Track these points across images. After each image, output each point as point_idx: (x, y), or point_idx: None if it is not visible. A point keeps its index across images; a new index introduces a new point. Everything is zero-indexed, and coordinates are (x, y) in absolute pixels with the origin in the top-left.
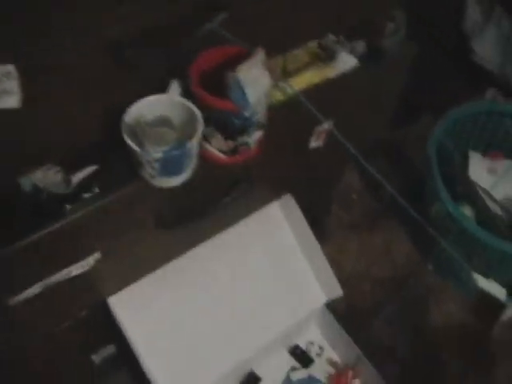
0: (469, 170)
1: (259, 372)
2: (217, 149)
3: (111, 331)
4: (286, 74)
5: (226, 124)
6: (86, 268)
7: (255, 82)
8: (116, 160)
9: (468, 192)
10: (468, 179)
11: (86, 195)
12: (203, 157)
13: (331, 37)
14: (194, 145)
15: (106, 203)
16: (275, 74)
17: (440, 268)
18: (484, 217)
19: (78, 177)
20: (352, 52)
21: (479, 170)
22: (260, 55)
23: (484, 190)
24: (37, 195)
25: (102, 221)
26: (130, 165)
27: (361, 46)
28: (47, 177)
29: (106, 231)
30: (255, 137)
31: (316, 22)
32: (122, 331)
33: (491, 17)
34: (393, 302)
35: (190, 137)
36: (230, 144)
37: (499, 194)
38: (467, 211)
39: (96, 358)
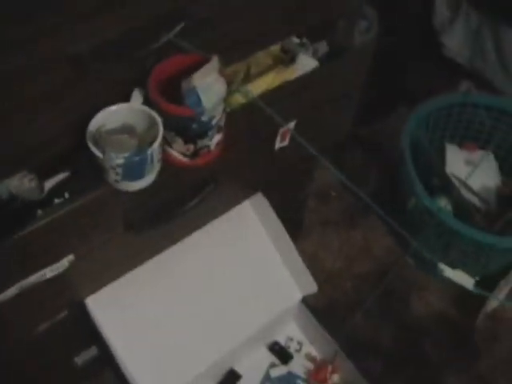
0: (446, 162)
1: (239, 369)
2: (178, 152)
3: (92, 333)
4: (249, 77)
5: (185, 129)
6: (61, 270)
7: (210, 88)
8: (85, 167)
9: (444, 184)
10: (443, 171)
11: (57, 200)
12: (166, 160)
13: (294, 39)
14: (154, 150)
15: (76, 207)
16: (237, 79)
17: (421, 261)
18: (460, 208)
19: (50, 183)
20: (315, 53)
21: (456, 161)
22: (215, 62)
23: (461, 181)
24: (12, 202)
25: (72, 224)
26: (98, 171)
27: (324, 46)
28: (23, 184)
29: (77, 234)
30: (215, 140)
31: (278, 24)
32: (99, 331)
33: (459, 11)
34: (374, 297)
35: (152, 142)
36: (191, 148)
37: (477, 184)
38: (444, 203)
39: (78, 360)
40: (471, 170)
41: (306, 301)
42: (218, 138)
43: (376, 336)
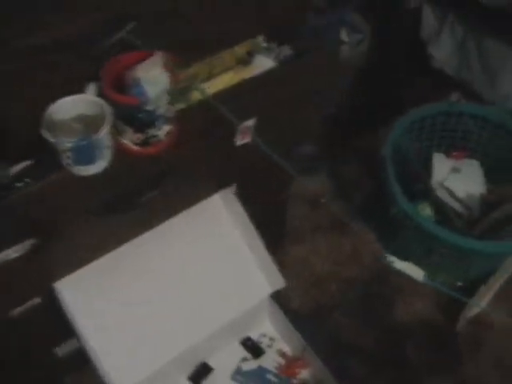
0: (433, 170)
1: (211, 363)
2: (129, 141)
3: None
4: (212, 76)
5: (133, 118)
6: (23, 252)
7: (153, 79)
8: (48, 156)
9: (427, 190)
10: (425, 178)
11: (19, 184)
12: (120, 149)
13: (260, 41)
14: (101, 136)
15: (34, 190)
16: (199, 77)
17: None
18: (441, 214)
19: (15, 169)
20: (277, 56)
21: (443, 170)
22: (158, 57)
23: (446, 188)
24: None
25: (32, 207)
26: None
27: (286, 49)
28: None
29: (38, 217)
30: (164, 130)
31: (246, 27)
32: (68, 315)
33: (445, 23)
34: (360, 301)
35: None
36: (140, 136)
37: (461, 191)
38: (426, 209)
39: (59, 351)
40: (458, 179)
41: (287, 301)
42: (166, 128)
43: (360, 338)
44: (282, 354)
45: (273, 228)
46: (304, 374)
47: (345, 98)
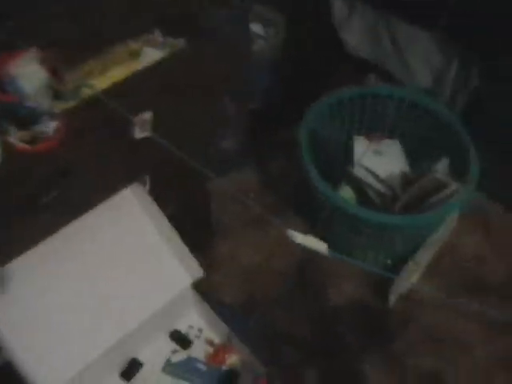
0: (354, 153)
1: (141, 358)
2: (16, 140)
3: None
4: (103, 71)
5: (15, 115)
6: None
7: (29, 75)
8: None
9: (347, 173)
10: (345, 162)
11: None
12: (8, 149)
13: (155, 35)
14: None
15: None
16: (92, 74)
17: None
18: (364, 195)
19: None
20: (172, 49)
21: (364, 151)
22: (33, 53)
23: (368, 169)
24: None
25: None
26: None
27: (181, 42)
28: None
29: None
30: (51, 127)
31: (140, 21)
32: None
33: (354, 8)
34: (292, 291)
35: None
36: (26, 134)
37: (383, 171)
38: (348, 192)
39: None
40: (380, 160)
41: (219, 295)
42: (53, 125)
43: (293, 326)
44: (210, 343)
45: (198, 224)
46: (232, 359)
47: (266, 92)
